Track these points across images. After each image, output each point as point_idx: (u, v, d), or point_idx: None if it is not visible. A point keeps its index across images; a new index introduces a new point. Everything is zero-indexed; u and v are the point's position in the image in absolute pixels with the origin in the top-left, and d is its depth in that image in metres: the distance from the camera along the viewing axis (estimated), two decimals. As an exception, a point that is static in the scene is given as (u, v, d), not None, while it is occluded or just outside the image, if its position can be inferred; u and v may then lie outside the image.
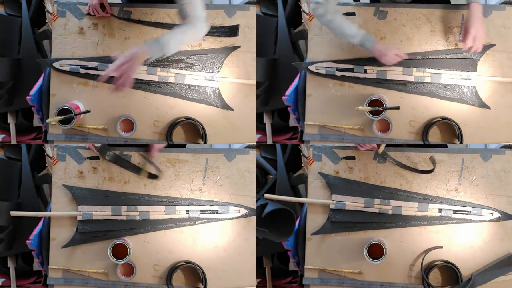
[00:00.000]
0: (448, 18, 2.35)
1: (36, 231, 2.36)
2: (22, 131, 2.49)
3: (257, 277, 2.40)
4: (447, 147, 2.37)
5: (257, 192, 2.38)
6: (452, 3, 2.42)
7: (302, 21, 2.46)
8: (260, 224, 2.35)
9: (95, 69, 2.33)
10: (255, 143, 2.41)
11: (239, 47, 2.38)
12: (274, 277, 2.49)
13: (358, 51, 2.34)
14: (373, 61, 2.32)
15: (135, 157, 2.35)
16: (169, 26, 2.36)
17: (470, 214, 2.31)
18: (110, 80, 2.34)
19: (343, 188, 2.35)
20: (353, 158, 2.36)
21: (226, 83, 2.38)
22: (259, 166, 2.46)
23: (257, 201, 2.36)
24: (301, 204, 2.41)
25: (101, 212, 2.33)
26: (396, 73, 2.34)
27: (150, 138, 2.36)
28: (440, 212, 2.32)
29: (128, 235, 2.34)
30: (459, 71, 2.34)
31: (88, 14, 2.34)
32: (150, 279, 2.34)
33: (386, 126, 2.34)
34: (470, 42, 2.19)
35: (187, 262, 2.33)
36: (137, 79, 2.35)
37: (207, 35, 2.25)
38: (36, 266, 2.45)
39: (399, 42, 2.35)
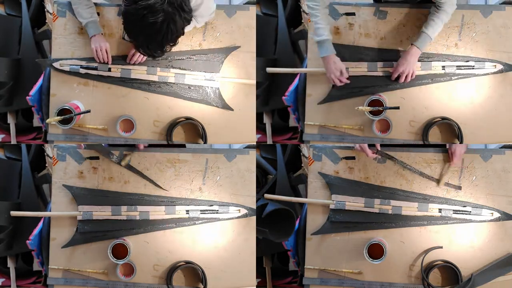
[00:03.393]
0: (448, 18, 2.35)
1: (36, 231, 2.36)
2: (22, 131, 2.49)
3: (257, 277, 2.40)
4: (445, 147, 2.37)
5: (257, 192, 2.38)
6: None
7: (302, 21, 2.46)
8: (260, 224, 2.35)
9: (95, 69, 2.33)
10: (255, 143, 2.41)
11: (239, 47, 2.38)
12: (274, 277, 2.49)
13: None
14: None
15: (135, 157, 2.35)
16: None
17: (470, 214, 2.31)
18: (110, 80, 2.35)
19: (343, 188, 2.35)
20: (353, 158, 2.36)
21: (226, 83, 2.38)
22: (259, 166, 2.46)
23: (257, 201, 2.36)
24: (301, 204, 2.41)
25: (101, 212, 2.33)
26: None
27: (150, 138, 2.36)
28: (440, 212, 2.32)
29: (128, 235, 2.34)
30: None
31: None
32: (150, 279, 2.34)
33: (386, 126, 2.34)
34: (395, 76, 2.31)
35: (187, 262, 2.33)
36: (137, 79, 2.34)
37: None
38: (36, 266, 2.45)
39: (399, 42, 2.35)
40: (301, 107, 2.39)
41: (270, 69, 2.36)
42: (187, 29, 2.24)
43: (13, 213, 2.33)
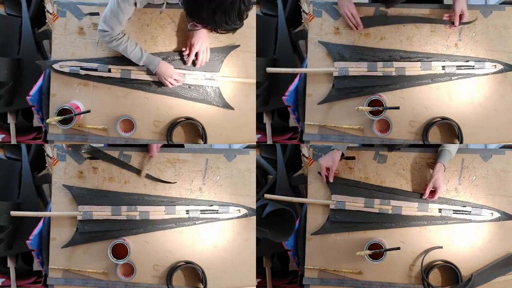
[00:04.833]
0: (448, 18, 2.35)
1: (36, 231, 2.36)
2: (22, 131, 2.49)
3: (257, 277, 2.40)
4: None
5: (257, 192, 2.38)
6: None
7: (302, 21, 2.46)
8: (260, 224, 2.35)
9: (95, 70, 2.33)
10: (255, 143, 2.41)
11: (239, 45, 2.38)
12: (274, 277, 2.49)
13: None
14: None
15: (135, 157, 2.35)
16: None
17: (470, 214, 2.31)
18: (110, 80, 2.35)
19: (343, 188, 2.35)
20: (353, 158, 2.36)
21: (226, 82, 2.38)
22: (259, 166, 2.46)
23: (257, 201, 2.36)
24: (301, 204, 2.41)
25: (101, 212, 2.33)
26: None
27: (150, 138, 2.36)
28: (440, 212, 2.32)
29: (128, 235, 2.34)
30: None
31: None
32: (150, 279, 2.34)
33: (386, 126, 2.34)
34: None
35: (187, 262, 2.33)
36: (137, 79, 2.34)
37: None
38: (36, 266, 2.45)
39: (399, 42, 2.35)
40: (301, 107, 2.39)
41: (270, 69, 2.36)
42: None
43: (13, 213, 2.33)
